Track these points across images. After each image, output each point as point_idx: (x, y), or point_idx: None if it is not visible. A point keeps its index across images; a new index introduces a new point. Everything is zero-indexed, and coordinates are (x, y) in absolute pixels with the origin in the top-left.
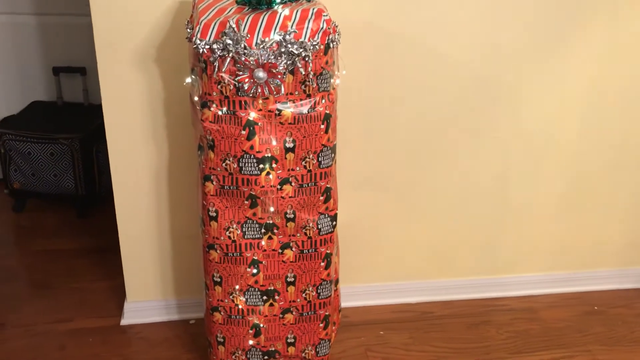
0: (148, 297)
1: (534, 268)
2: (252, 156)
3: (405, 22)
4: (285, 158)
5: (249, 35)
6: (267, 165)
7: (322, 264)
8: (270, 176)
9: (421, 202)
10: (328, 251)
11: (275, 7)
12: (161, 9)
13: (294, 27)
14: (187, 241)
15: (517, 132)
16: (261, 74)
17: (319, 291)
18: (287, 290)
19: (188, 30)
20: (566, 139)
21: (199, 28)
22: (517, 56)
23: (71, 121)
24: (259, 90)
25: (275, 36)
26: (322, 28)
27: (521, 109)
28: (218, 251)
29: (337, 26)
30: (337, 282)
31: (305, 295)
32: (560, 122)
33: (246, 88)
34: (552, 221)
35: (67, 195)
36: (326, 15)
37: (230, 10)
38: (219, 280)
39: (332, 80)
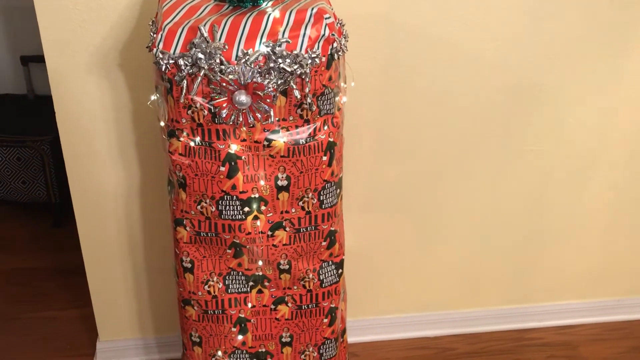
0: (123, 334)
1: (573, 295)
2: (234, 197)
3: (429, 15)
4: (278, 198)
5: (226, 46)
6: (254, 208)
7: (325, 320)
8: (258, 221)
9: (443, 223)
10: (332, 305)
11: (263, 6)
12: (123, 2)
13: (286, 34)
14: (165, 274)
15: (559, 144)
16: (243, 97)
17: (321, 352)
18: (282, 352)
19: (151, 34)
20: (616, 151)
21: (161, 36)
22: (563, 53)
23: (42, 119)
24: (241, 119)
25: (262, 47)
26: (324, 35)
27: (565, 117)
28: (195, 308)
29: (343, 25)
30: (344, 332)
31: (305, 357)
32: (611, 133)
33: (224, 115)
34: (597, 243)
35: (39, 204)
36: (329, 18)
37: (203, 10)
38: (197, 340)
39: (336, 100)
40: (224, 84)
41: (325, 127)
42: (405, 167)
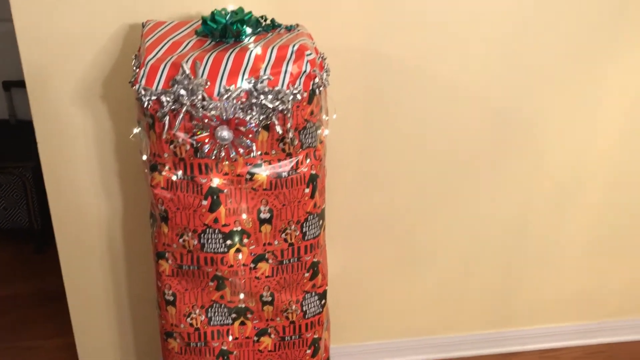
0: None
1: (555, 318)
2: (216, 231)
3: (409, 46)
4: (260, 231)
5: (208, 83)
6: (237, 241)
7: (309, 351)
8: (241, 254)
9: (425, 250)
10: (316, 335)
11: (246, 41)
12: (107, 34)
13: (268, 71)
14: (148, 304)
15: (538, 170)
16: (225, 133)
17: None
18: None
19: (134, 68)
20: (595, 178)
21: (144, 72)
22: (540, 85)
23: (25, 144)
24: (223, 153)
25: (244, 84)
26: (305, 71)
27: (544, 145)
28: (178, 340)
29: (325, 59)
30: None
31: None
32: (589, 160)
33: (206, 150)
34: (577, 267)
35: (21, 230)
36: (310, 54)
37: (186, 45)
38: None
39: (318, 132)
40: (206, 120)
41: (308, 160)
42: (388, 195)
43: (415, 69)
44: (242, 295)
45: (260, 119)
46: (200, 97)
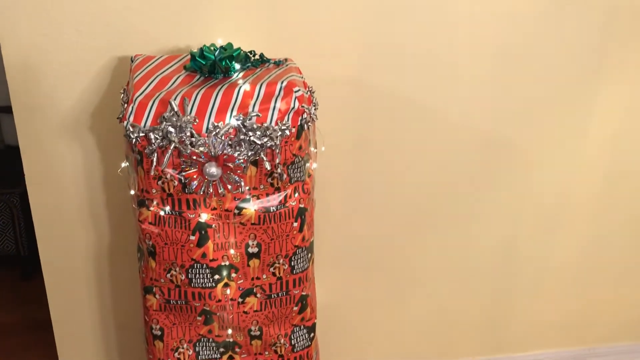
0: None
1: (545, 345)
2: (204, 266)
3: (398, 77)
4: (248, 265)
5: (197, 120)
6: (225, 276)
7: None
8: (229, 289)
9: (414, 277)
10: None
11: (235, 77)
12: (96, 66)
13: (256, 108)
14: (135, 334)
15: (526, 197)
16: (214, 169)
17: None
18: None
19: (122, 103)
20: (583, 204)
21: (132, 108)
22: (527, 112)
23: (13, 169)
24: (212, 189)
25: (232, 120)
26: (294, 108)
27: (531, 171)
28: None
29: (313, 93)
30: None
31: None
32: (576, 186)
33: (194, 187)
34: (567, 293)
35: (7, 257)
36: (298, 91)
37: (175, 81)
38: None
39: (307, 166)
40: (195, 157)
41: (296, 194)
42: (377, 224)
43: (404, 99)
44: (230, 331)
45: (249, 155)
46: (188, 133)
